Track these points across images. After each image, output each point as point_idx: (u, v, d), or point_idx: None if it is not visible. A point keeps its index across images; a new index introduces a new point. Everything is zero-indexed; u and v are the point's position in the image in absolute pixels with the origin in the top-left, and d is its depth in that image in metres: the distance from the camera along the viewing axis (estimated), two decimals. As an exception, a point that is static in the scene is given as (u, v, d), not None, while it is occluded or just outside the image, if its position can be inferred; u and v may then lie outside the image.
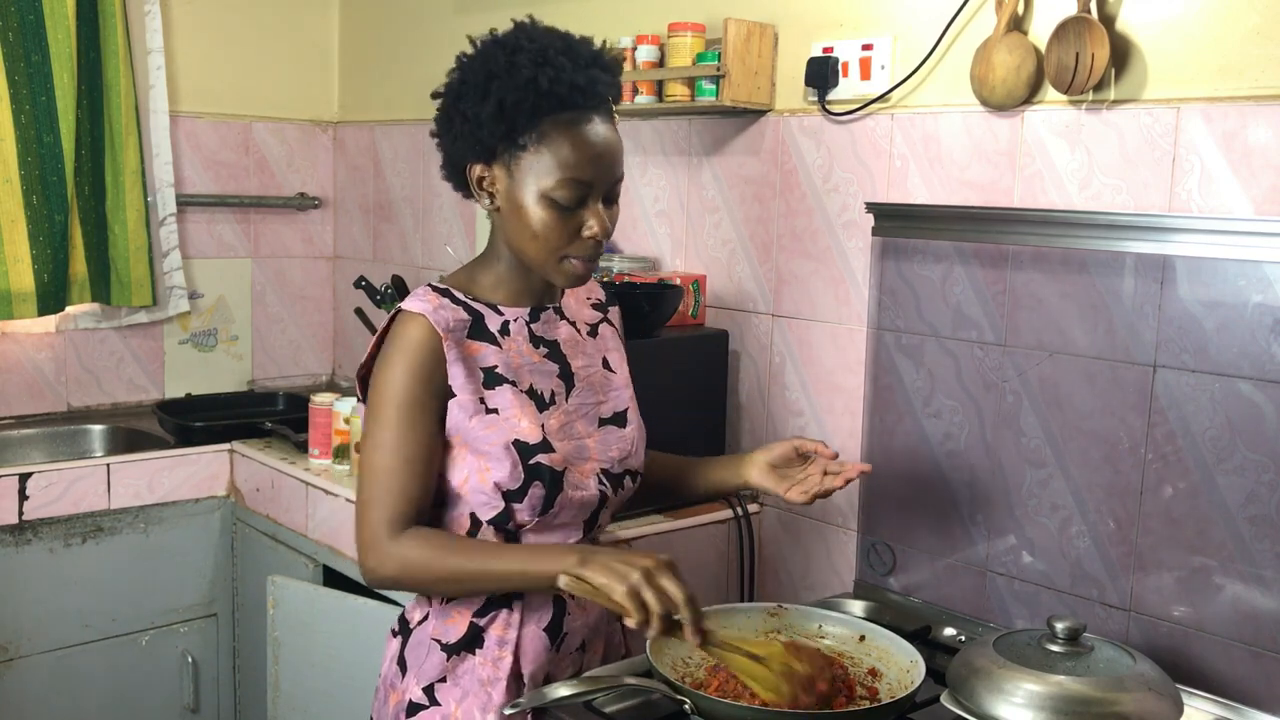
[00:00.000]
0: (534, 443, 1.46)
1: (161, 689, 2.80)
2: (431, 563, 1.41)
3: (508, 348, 1.50)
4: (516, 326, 1.52)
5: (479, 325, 1.49)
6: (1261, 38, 1.61)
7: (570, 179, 1.41)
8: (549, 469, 1.46)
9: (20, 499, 2.54)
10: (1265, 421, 1.58)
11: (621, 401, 1.60)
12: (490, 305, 1.52)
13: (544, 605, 1.51)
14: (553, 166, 1.41)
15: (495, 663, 1.49)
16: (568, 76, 1.40)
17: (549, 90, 1.39)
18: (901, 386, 2.02)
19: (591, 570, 1.34)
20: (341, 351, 3.57)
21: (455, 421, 1.46)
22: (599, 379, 1.59)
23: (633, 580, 1.31)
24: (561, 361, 1.55)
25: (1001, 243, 1.85)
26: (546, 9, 2.71)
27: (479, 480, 1.46)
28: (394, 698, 1.54)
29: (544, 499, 1.47)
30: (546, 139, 1.41)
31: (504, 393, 1.47)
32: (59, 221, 2.90)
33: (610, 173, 1.44)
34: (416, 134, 3.20)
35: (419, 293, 1.50)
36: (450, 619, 1.51)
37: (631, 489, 1.60)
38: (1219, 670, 1.65)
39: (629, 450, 1.58)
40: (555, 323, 1.57)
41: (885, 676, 1.53)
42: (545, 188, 1.41)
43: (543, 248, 1.44)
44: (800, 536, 2.27)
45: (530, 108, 1.40)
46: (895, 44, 2.06)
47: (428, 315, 1.45)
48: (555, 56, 1.40)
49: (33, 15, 2.82)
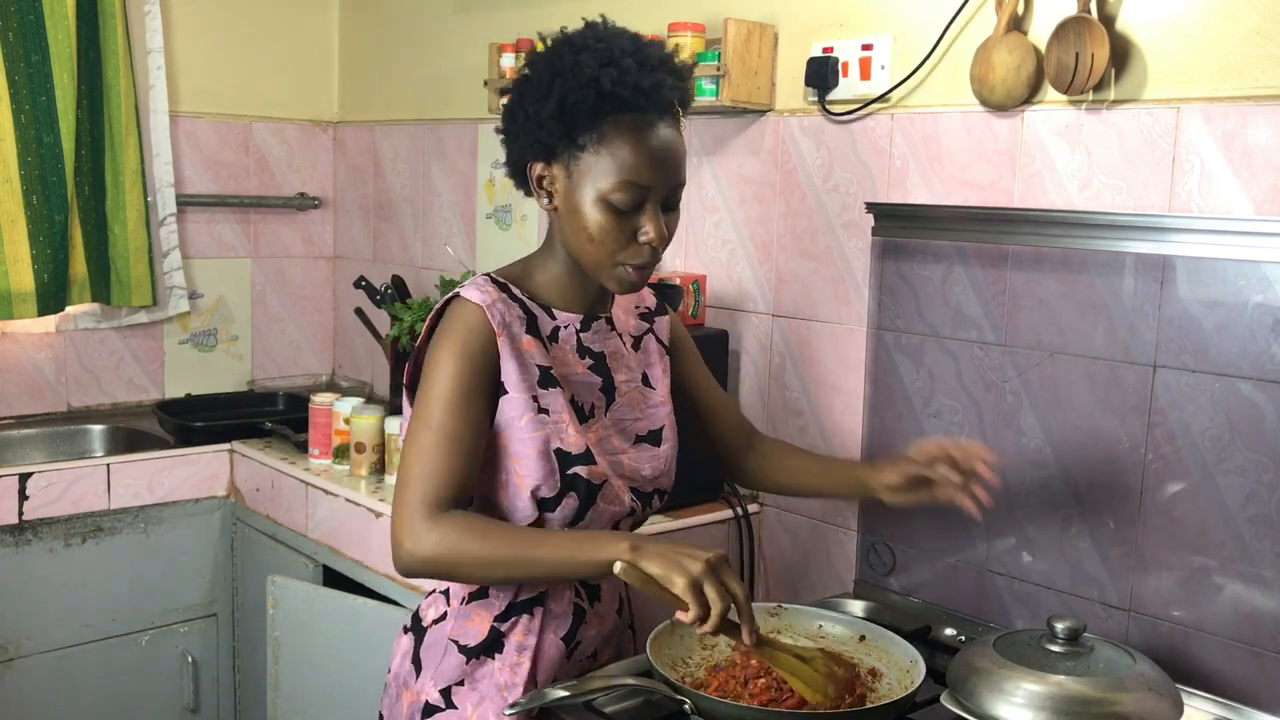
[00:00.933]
0: (576, 453, 1.44)
1: (161, 689, 2.80)
2: (472, 546, 1.33)
3: (555, 355, 1.48)
4: (566, 334, 1.50)
5: (532, 325, 1.47)
6: (1261, 38, 1.61)
7: (628, 181, 1.38)
8: (586, 481, 1.45)
9: (20, 499, 2.54)
10: (1265, 421, 1.58)
11: (658, 419, 1.58)
12: (544, 307, 1.49)
13: (564, 614, 1.51)
14: (611, 168, 1.38)
15: (514, 668, 1.48)
16: (631, 78, 1.38)
17: (611, 91, 1.37)
18: (901, 386, 2.02)
19: (648, 560, 1.28)
20: (341, 351, 3.57)
21: (504, 419, 1.43)
22: (638, 395, 1.57)
23: (695, 572, 1.26)
24: (605, 375, 1.53)
25: (1001, 243, 1.85)
26: (549, 9, 2.71)
27: (517, 485, 1.44)
28: (408, 697, 1.53)
29: (577, 510, 1.45)
30: (606, 140, 1.38)
31: (555, 395, 1.45)
32: (59, 221, 2.90)
33: (670, 178, 1.42)
34: (416, 134, 3.20)
35: (477, 281, 1.47)
36: (470, 621, 1.50)
37: (658, 507, 1.59)
38: (1219, 670, 1.65)
39: (661, 469, 1.57)
40: (605, 334, 1.55)
41: (885, 676, 1.53)
42: (603, 190, 1.39)
43: (598, 251, 1.42)
44: (800, 536, 2.27)
45: (591, 108, 1.38)
46: (895, 44, 2.06)
47: (485, 307, 1.43)
48: (621, 57, 1.39)
49: (33, 15, 2.82)
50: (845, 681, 1.42)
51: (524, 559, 1.34)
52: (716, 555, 1.29)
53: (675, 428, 1.61)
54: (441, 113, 3.10)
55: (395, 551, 1.37)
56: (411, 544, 1.35)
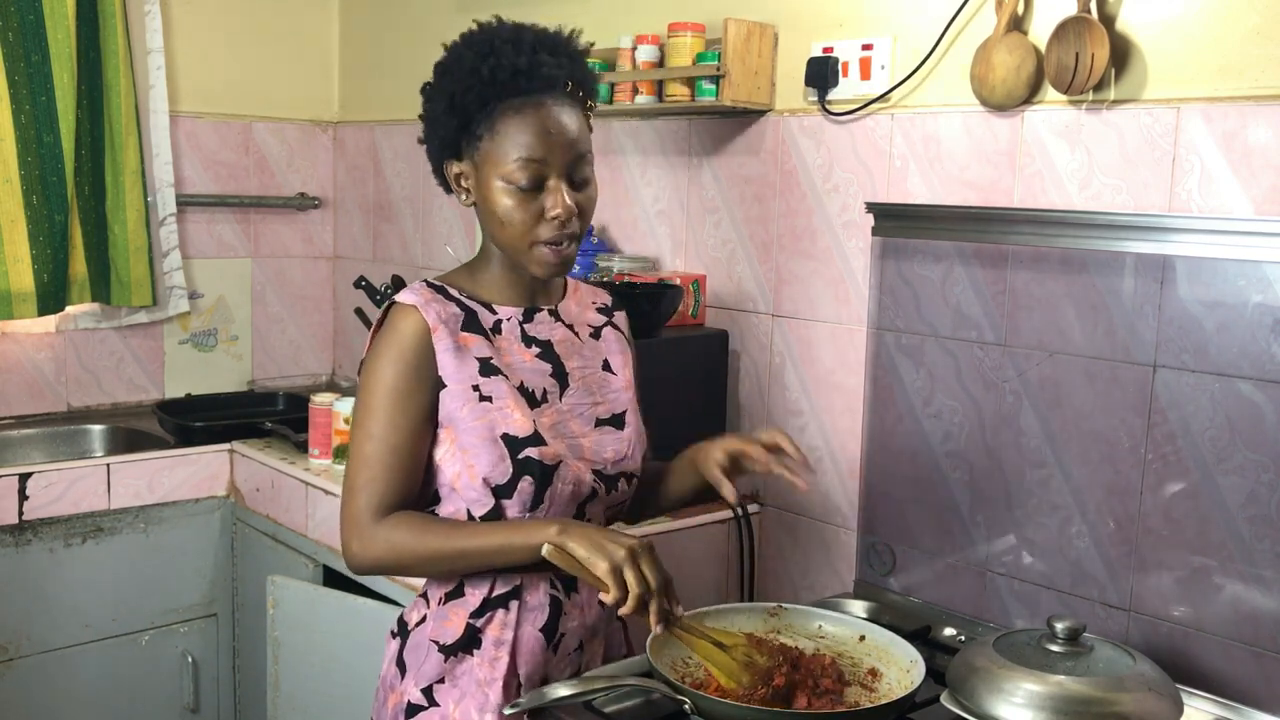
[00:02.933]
0: (524, 436, 1.46)
1: (161, 689, 2.80)
2: (415, 543, 1.43)
3: (499, 345, 1.51)
4: (509, 325, 1.53)
5: (471, 320, 1.50)
6: (1261, 38, 1.61)
7: (523, 159, 1.43)
8: (539, 463, 1.46)
9: (20, 499, 2.54)
10: (1265, 421, 1.58)
11: (620, 404, 1.60)
12: (484, 303, 1.53)
13: (540, 606, 1.51)
14: (506, 150, 1.43)
15: (492, 663, 1.49)
16: (509, 62, 1.42)
17: (491, 78, 1.42)
18: (901, 386, 2.02)
19: (575, 542, 1.36)
20: (341, 351, 3.57)
21: (448, 411, 1.47)
22: (596, 380, 1.59)
23: (617, 558, 1.34)
24: (555, 361, 1.55)
25: (1001, 243, 1.85)
26: (546, 9, 2.71)
27: (469, 477, 1.46)
28: (393, 699, 1.54)
29: (533, 494, 1.47)
30: (497, 126, 1.44)
31: (498, 383, 1.48)
32: (59, 221, 2.90)
33: (566, 150, 1.45)
34: (416, 134, 3.18)
35: (413, 287, 1.51)
36: (448, 620, 1.51)
37: (627, 492, 1.59)
38: (1219, 670, 1.65)
39: (625, 452, 1.57)
40: (550, 324, 1.57)
41: (885, 676, 1.53)
42: (503, 173, 1.44)
43: (512, 234, 1.46)
44: (800, 536, 2.27)
45: (477, 97, 1.43)
46: (895, 44, 2.06)
47: (419, 307, 1.47)
48: (500, 45, 1.44)
49: (33, 15, 2.82)
50: (763, 671, 1.44)
51: (461, 550, 1.43)
52: (640, 543, 1.36)
53: (639, 413, 1.63)
54: (441, 113, 3.10)
55: (345, 553, 1.47)
56: (358, 547, 1.45)
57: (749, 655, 1.45)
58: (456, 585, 1.52)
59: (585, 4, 2.63)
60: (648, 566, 1.35)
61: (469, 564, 1.46)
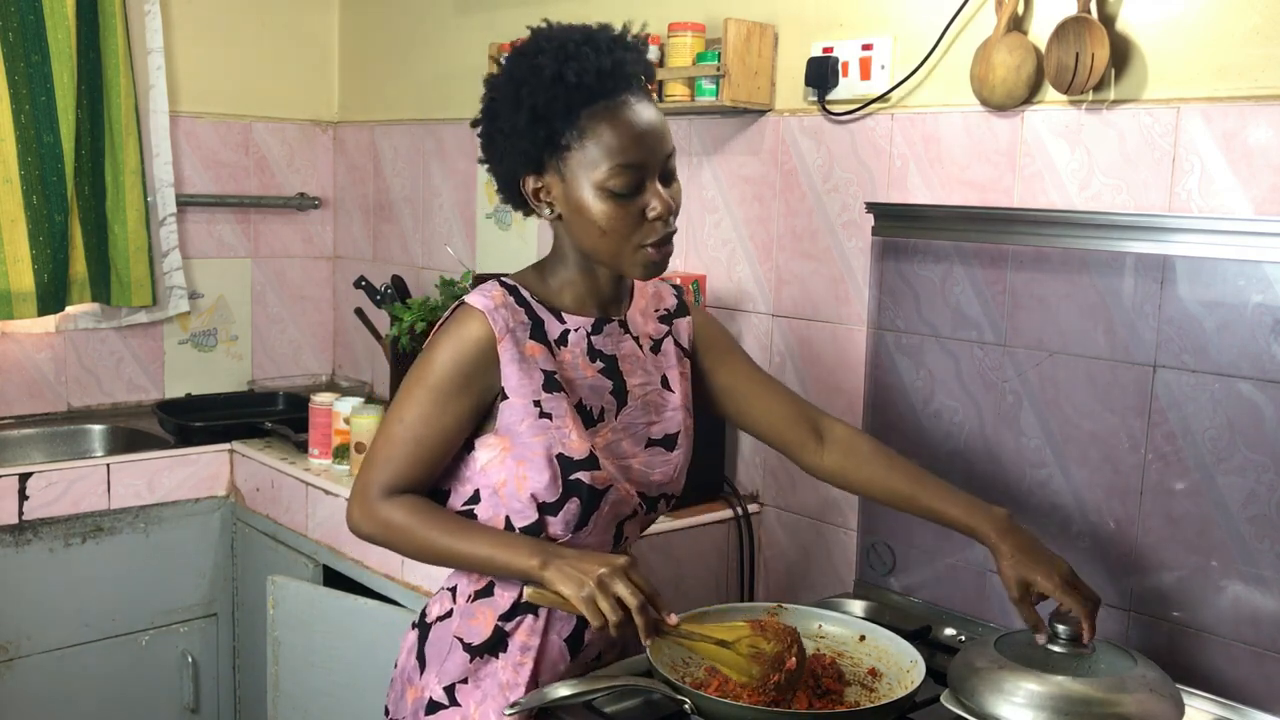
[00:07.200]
0: (579, 458, 1.44)
1: (161, 689, 2.80)
2: (410, 531, 1.44)
3: (562, 358, 1.48)
4: (576, 337, 1.50)
5: (539, 329, 1.47)
6: (1261, 38, 1.61)
7: (620, 164, 1.38)
8: (589, 487, 1.45)
9: (20, 499, 2.54)
10: (1265, 421, 1.58)
11: (674, 424, 1.58)
12: (554, 311, 1.49)
13: (567, 615, 1.50)
14: (600, 157, 1.39)
15: (517, 668, 1.49)
16: (592, 64, 1.38)
17: (577, 83, 1.37)
18: (901, 386, 2.02)
19: (553, 576, 1.36)
20: (341, 351, 3.58)
21: (506, 422, 1.45)
22: (655, 399, 1.56)
23: (586, 591, 1.33)
24: (617, 378, 1.52)
25: (1001, 243, 1.85)
26: (547, 10, 2.70)
27: (515, 487, 1.45)
28: (412, 693, 1.53)
29: (579, 515, 1.46)
30: (588, 132, 1.39)
31: (559, 400, 1.45)
32: (59, 221, 2.90)
33: (659, 150, 1.42)
34: (416, 134, 3.20)
35: (485, 287, 1.48)
36: (475, 619, 1.50)
37: (665, 511, 1.59)
38: (1219, 670, 1.65)
39: (671, 475, 1.56)
40: (618, 337, 1.54)
41: (885, 676, 1.53)
42: (599, 180, 1.39)
43: (612, 241, 1.42)
44: (800, 536, 2.27)
45: (564, 105, 1.38)
46: (895, 44, 2.06)
47: (487, 313, 1.44)
48: (577, 49, 1.39)
49: (33, 15, 2.82)
50: (773, 657, 1.40)
51: (451, 550, 1.43)
52: (611, 566, 1.35)
53: (691, 435, 1.60)
54: (441, 113, 3.10)
55: (348, 514, 1.50)
56: (359, 516, 1.48)
57: (754, 646, 1.42)
58: (487, 584, 1.51)
59: (585, 4, 2.63)
60: (622, 587, 1.33)
61: (456, 565, 1.48)
